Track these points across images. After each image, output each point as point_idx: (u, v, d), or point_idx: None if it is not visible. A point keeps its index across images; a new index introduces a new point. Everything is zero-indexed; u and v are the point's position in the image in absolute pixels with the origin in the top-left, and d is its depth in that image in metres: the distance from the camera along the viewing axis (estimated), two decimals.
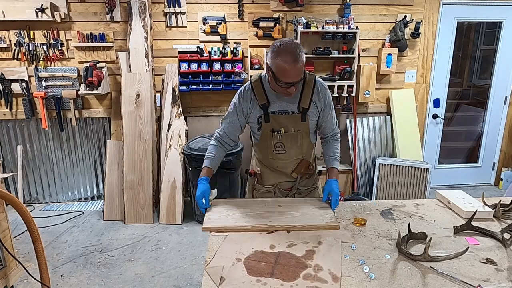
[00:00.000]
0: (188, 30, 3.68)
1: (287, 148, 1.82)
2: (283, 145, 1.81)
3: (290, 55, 1.50)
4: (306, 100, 1.73)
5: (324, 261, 1.32)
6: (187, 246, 3.12)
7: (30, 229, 1.63)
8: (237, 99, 1.79)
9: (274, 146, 1.82)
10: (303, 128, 1.79)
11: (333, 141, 1.90)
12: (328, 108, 1.80)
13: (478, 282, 1.19)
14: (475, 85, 4.56)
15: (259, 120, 1.78)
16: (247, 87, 1.78)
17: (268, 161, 1.90)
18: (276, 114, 1.75)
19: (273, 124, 1.77)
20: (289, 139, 1.80)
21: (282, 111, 1.75)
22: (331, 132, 1.90)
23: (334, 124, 1.88)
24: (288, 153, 1.84)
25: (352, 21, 3.59)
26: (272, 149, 1.83)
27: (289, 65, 1.51)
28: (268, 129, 1.78)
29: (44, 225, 3.46)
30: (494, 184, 4.53)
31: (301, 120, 1.76)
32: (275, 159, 1.87)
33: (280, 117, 1.75)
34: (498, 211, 1.69)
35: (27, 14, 3.38)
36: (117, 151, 3.64)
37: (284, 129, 1.77)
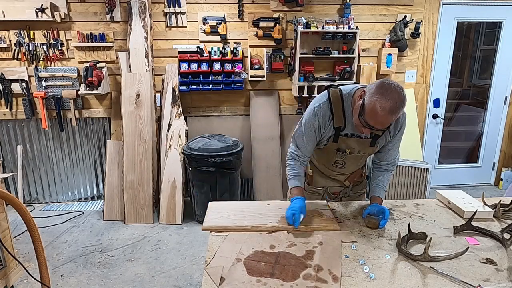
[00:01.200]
0: (188, 30, 3.68)
1: (347, 165, 1.78)
2: (344, 163, 1.77)
3: (391, 103, 1.36)
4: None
5: (324, 261, 1.32)
6: (187, 246, 3.12)
7: (30, 229, 1.63)
8: (314, 116, 1.64)
9: (335, 162, 1.77)
10: (369, 152, 1.73)
11: (387, 172, 1.80)
12: (399, 138, 1.71)
13: (478, 282, 1.20)
14: (475, 85, 4.56)
15: (328, 139, 1.70)
16: (325, 104, 1.63)
17: (324, 169, 1.88)
18: (348, 137, 1.67)
19: (340, 145, 1.69)
20: (352, 159, 1.75)
21: (355, 134, 1.66)
22: (390, 161, 1.79)
23: (396, 153, 1.78)
24: (347, 169, 1.82)
25: (352, 21, 3.59)
26: (332, 163, 1.79)
27: (383, 112, 1.37)
28: (333, 148, 1.71)
29: (44, 225, 3.46)
30: (494, 184, 4.52)
31: (370, 145, 1.68)
32: (332, 170, 1.84)
33: (350, 140, 1.67)
34: (498, 211, 1.69)
35: (27, 14, 3.38)
36: (117, 151, 3.64)
37: (350, 151, 1.70)
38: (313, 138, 1.68)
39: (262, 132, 3.81)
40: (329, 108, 1.61)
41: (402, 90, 1.41)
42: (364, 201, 1.92)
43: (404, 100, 1.41)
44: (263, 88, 3.88)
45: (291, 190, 1.70)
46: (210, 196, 3.34)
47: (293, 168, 1.73)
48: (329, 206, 1.78)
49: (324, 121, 1.63)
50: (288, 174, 1.74)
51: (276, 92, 3.90)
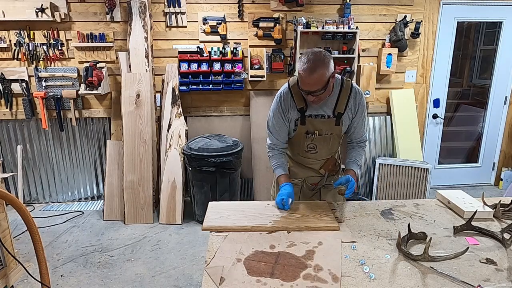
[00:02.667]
0: (188, 30, 3.68)
1: (319, 148, 1.87)
2: (315, 146, 1.86)
3: (308, 64, 1.55)
4: (341, 105, 1.76)
5: (324, 261, 1.32)
6: (187, 246, 3.12)
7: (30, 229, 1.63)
8: (277, 103, 1.81)
9: (307, 146, 1.86)
10: (336, 131, 1.83)
11: (359, 148, 1.94)
12: (360, 114, 1.82)
13: (478, 282, 1.19)
14: (475, 85, 4.56)
15: (295, 122, 1.81)
16: (285, 90, 1.80)
17: (298, 158, 1.96)
18: (312, 118, 1.78)
19: (308, 127, 1.80)
20: (322, 141, 1.84)
21: (318, 114, 1.78)
22: (359, 138, 1.92)
23: (363, 131, 1.91)
24: (319, 153, 1.89)
25: (352, 21, 3.59)
26: (304, 149, 1.88)
27: (305, 73, 1.56)
28: (302, 131, 1.82)
29: (44, 225, 3.46)
30: (494, 184, 4.52)
31: (335, 124, 1.79)
32: (306, 157, 1.92)
33: (316, 121, 1.78)
34: (498, 211, 1.69)
35: (27, 14, 3.38)
36: (117, 151, 3.64)
37: (318, 132, 1.80)
38: (282, 123, 1.83)
39: (262, 132, 3.80)
40: (289, 92, 1.78)
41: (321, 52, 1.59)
42: (363, 201, 1.92)
43: (323, 57, 1.57)
44: (263, 88, 3.88)
45: (278, 178, 1.84)
46: (210, 196, 3.34)
47: (275, 158, 1.88)
48: (329, 206, 1.78)
49: (287, 105, 1.79)
50: (272, 165, 1.89)
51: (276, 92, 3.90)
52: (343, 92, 1.75)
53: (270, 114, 1.86)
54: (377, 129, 4.04)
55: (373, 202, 1.88)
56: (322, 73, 1.56)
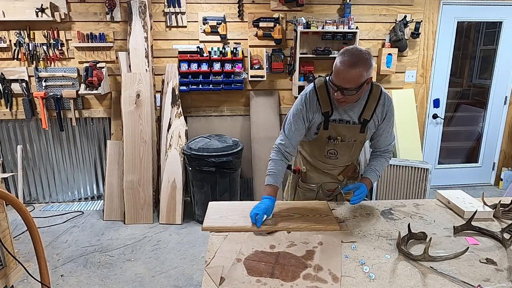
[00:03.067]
0: (188, 30, 3.68)
1: (340, 155, 1.79)
2: (336, 152, 1.78)
3: (350, 58, 1.46)
4: (369, 111, 1.66)
5: (324, 261, 1.32)
6: (187, 246, 3.12)
7: (30, 229, 1.63)
8: (302, 104, 1.70)
9: (327, 152, 1.79)
10: (360, 139, 1.75)
11: (382, 158, 1.85)
12: (387, 122, 1.72)
13: (478, 282, 1.19)
14: (475, 85, 4.56)
15: (318, 126, 1.73)
16: (311, 91, 1.69)
17: (317, 163, 1.88)
18: (336, 123, 1.70)
19: (331, 132, 1.71)
20: (344, 147, 1.76)
21: (343, 119, 1.69)
22: (384, 148, 1.83)
23: (389, 140, 1.81)
24: (340, 160, 1.81)
25: (352, 21, 3.59)
26: (324, 154, 1.80)
27: (343, 66, 1.47)
28: (324, 136, 1.73)
29: (44, 225, 3.46)
30: (494, 184, 4.52)
31: (360, 131, 1.71)
32: (325, 163, 1.85)
33: (339, 126, 1.70)
34: (498, 211, 1.69)
35: (27, 14, 3.38)
36: (117, 151, 3.64)
37: (341, 138, 1.72)
38: (302, 126, 1.73)
39: (262, 132, 3.81)
40: (315, 95, 1.68)
41: (365, 51, 1.51)
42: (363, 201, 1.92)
43: (366, 58, 1.49)
44: (263, 88, 3.88)
45: (265, 187, 1.69)
46: (210, 196, 3.34)
47: (274, 164, 1.73)
48: (329, 206, 1.78)
49: (312, 107, 1.69)
50: (268, 169, 1.74)
51: (276, 92, 3.90)
52: (371, 98, 1.66)
53: (290, 113, 1.74)
54: None
55: (373, 202, 1.88)
56: (361, 72, 1.47)
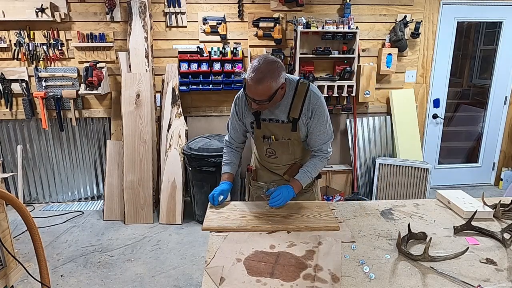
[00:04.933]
0: (188, 30, 3.68)
1: (278, 154, 1.84)
2: (274, 151, 1.83)
3: (256, 74, 1.51)
4: (296, 110, 1.68)
5: (324, 261, 1.32)
6: (187, 246, 3.12)
7: (30, 229, 1.63)
8: (233, 105, 1.84)
9: (266, 151, 1.85)
10: (294, 137, 1.76)
11: (315, 158, 1.81)
12: (317, 120, 1.70)
13: (478, 282, 1.19)
14: (475, 85, 4.56)
15: (251, 125, 1.81)
16: (241, 93, 1.80)
17: (263, 162, 1.96)
18: (267, 122, 1.76)
19: (264, 131, 1.79)
20: (280, 147, 1.80)
21: (272, 119, 1.74)
22: (317, 147, 1.79)
23: (323, 139, 1.76)
24: (279, 159, 1.86)
25: (352, 21, 3.59)
26: (264, 153, 1.87)
27: (251, 82, 1.53)
28: (260, 135, 1.81)
29: (44, 225, 3.46)
30: (494, 184, 4.52)
31: (291, 129, 1.73)
32: (268, 162, 1.92)
33: (271, 125, 1.76)
34: (498, 211, 1.69)
35: (27, 14, 3.38)
36: (117, 151, 3.64)
37: (274, 137, 1.77)
38: (237, 123, 1.86)
39: None
40: (245, 95, 1.71)
41: (271, 62, 1.54)
42: (363, 201, 1.92)
43: (273, 69, 1.53)
44: None
45: (222, 175, 1.86)
46: None
47: (227, 155, 1.92)
48: (329, 206, 1.78)
49: (241, 107, 1.80)
50: (223, 161, 1.92)
51: None
52: (297, 96, 1.67)
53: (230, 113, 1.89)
54: (377, 129, 4.04)
55: (373, 202, 1.88)
56: (269, 85, 1.52)
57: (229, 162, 1.90)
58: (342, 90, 3.74)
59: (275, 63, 1.55)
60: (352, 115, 3.98)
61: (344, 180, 4.06)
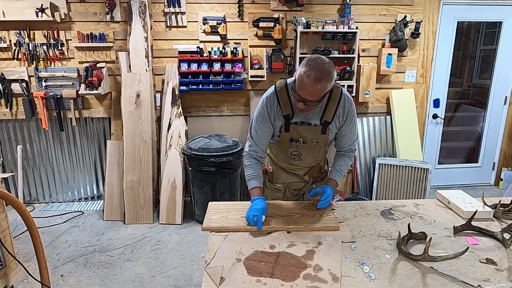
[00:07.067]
0: (188, 30, 3.68)
1: (303, 156, 1.81)
2: (300, 154, 1.80)
3: (315, 72, 1.45)
4: (329, 113, 1.67)
5: (324, 261, 1.32)
6: (187, 246, 3.12)
7: (30, 229, 1.63)
8: (263, 107, 1.72)
9: (291, 153, 1.81)
10: (322, 140, 1.76)
11: (346, 157, 1.86)
12: (349, 123, 1.74)
13: (478, 282, 1.19)
14: (475, 85, 4.56)
15: (279, 129, 1.75)
16: (272, 94, 1.70)
17: (282, 164, 1.90)
18: (297, 125, 1.71)
19: (292, 134, 1.73)
20: (307, 149, 1.78)
21: (304, 122, 1.70)
22: (347, 147, 1.85)
23: (352, 140, 1.83)
24: (303, 161, 1.84)
25: (352, 21, 3.59)
26: (288, 156, 1.82)
27: (308, 80, 1.46)
28: (287, 138, 1.75)
29: (44, 225, 3.46)
30: (494, 184, 4.52)
31: (321, 132, 1.72)
32: (290, 164, 1.87)
33: (301, 128, 1.72)
34: (498, 211, 1.69)
35: (27, 14, 3.38)
36: (117, 151, 3.64)
37: (303, 140, 1.74)
38: (266, 129, 1.74)
39: None
40: (276, 97, 1.69)
41: (329, 63, 1.50)
42: (363, 201, 1.92)
43: (330, 71, 1.48)
44: (263, 88, 3.87)
45: (251, 190, 1.72)
46: (210, 196, 3.34)
47: (251, 168, 1.76)
48: (329, 206, 1.78)
49: (273, 110, 1.70)
50: (247, 174, 1.76)
51: None
52: (331, 100, 1.67)
53: (254, 118, 1.77)
54: (377, 129, 4.04)
55: (373, 202, 1.88)
56: (325, 86, 1.48)
57: (255, 175, 1.74)
58: None
59: (330, 64, 1.51)
60: None
61: (344, 180, 4.06)
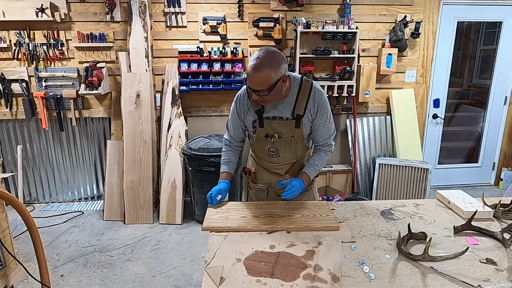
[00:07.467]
0: (188, 30, 3.68)
1: (281, 152, 1.83)
2: (277, 150, 1.82)
3: (255, 62, 1.53)
4: (301, 106, 1.71)
5: (324, 261, 1.32)
6: (187, 246, 3.12)
7: (30, 229, 1.63)
8: (234, 104, 1.82)
9: (268, 150, 1.83)
10: (297, 134, 1.78)
11: (322, 152, 1.86)
12: (321, 116, 1.75)
13: (478, 282, 1.19)
14: (475, 85, 4.56)
15: (253, 124, 1.80)
16: (243, 91, 1.79)
17: (263, 163, 1.93)
18: (270, 120, 1.75)
19: (267, 129, 1.77)
20: (283, 144, 1.80)
21: (276, 116, 1.74)
22: (322, 142, 1.84)
23: (327, 134, 1.82)
24: (282, 157, 1.85)
25: (352, 21, 3.59)
26: (266, 153, 1.85)
27: (250, 70, 1.55)
28: (262, 134, 1.79)
29: (44, 225, 3.46)
30: (494, 184, 4.52)
31: (295, 126, 1.75)
32: (269, 162, 1.89)
33: (274, 123, 1.75)
34: (498, 211, 1.69)
35: (27, 14, 3.38)
36: (117, 151, 3.64)
37: (278, 135, 1.77)
38: (238, 123, 1.84)
39: None
40: (247, 93, 1.75)
41: (273, 52, 1.57)
42: (363, 201, 1.92)
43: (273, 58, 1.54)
44: None
45: (221, 174, 1.86)
46: None
47: (225, 154, 1.92)
48: (329, 206, 1.78)
49: (242, 106, 1.78)
50: (221, 159, 1.91)
51: None
52: (301, 93, 1.70)
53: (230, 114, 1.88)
54: (377, 129, 4.04)
55: (373, 202, 1.88)
56: (268, 74, 1.52)
57: (227, 161, 1.90)
58: (342, 90, 3.74)
59: (276, 53, 1.58)
60: (352, 115, 3.98)
61: (344, 180, 4.06)
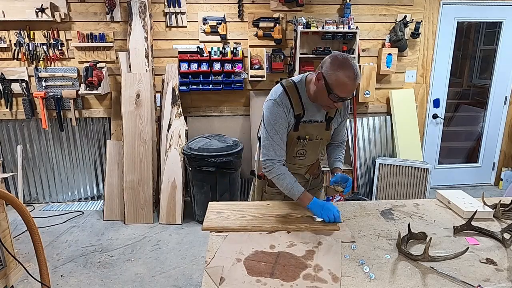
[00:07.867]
0: (188, 30, 3.68)
1: (308, 154, 1.83)
2: (305, 151, 1.81)
3: (353, 71, 1.50)
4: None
5: (324, 261, 1.32)
6: (187, 246, 3.12)
7: (30, 229, 1.63)
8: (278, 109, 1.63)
9: (296, 152, 1.80)
10: (326, 136, 1.81)
11: (341, 147, 1.99)
12: (346, 117, 1.87)
13: (478, 282, 1.19)
14: (475, 85, 4.56)
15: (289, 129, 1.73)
16: (282, 94, 1.64)
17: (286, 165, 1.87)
18: (306, 123, 1.73)
19: (300, 132, 1.74)
20: (312, 146, 1.80)
21: (312, 120, 1.74)
22: (341, 140, 1.97)
23: (345, 132, 1.97)
24: (308, 158, 1.86)
25: (352, 21, 3.59)
26: (293, 155, 1.81)
27: (351, 81, 1.50)
28: (294, 137, 1.74)
29: (44, 225, 3.46)
30: (494, 184, 4.52)
31: (325, 128, 1.78)
32: (293, 163, 1.84)
33: (308, 126, 1.74)
34: (498, 211, 1.69)
35: (27, 14, 3.38)
36: (117, 151, 3.64)
37: (309, 137, 1.76)
38: (284, 131, 1.68)
39: None
40: (287, 97, 1.66)
41: (349, 56, 1.58)
42: (363, 201, 1.92)
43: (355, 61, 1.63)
44: (263, 88, 3.88)
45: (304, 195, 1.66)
46: (210, 196, 3.34)
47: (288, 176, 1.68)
48: None
49: (287, 112, 1.66)
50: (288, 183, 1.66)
51: None
52: None
53: (269, 124, 1.65)
54: (377, 129, 4.04)
55: (373, 202, 1.88)
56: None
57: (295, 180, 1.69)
58: None
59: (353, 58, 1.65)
60: (352, 115, 3.98)
61: None
